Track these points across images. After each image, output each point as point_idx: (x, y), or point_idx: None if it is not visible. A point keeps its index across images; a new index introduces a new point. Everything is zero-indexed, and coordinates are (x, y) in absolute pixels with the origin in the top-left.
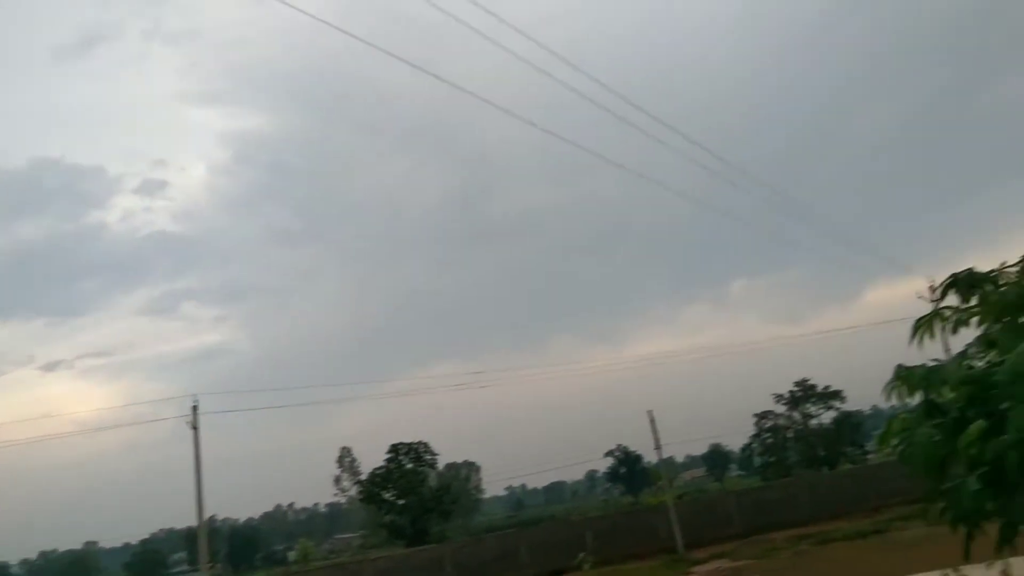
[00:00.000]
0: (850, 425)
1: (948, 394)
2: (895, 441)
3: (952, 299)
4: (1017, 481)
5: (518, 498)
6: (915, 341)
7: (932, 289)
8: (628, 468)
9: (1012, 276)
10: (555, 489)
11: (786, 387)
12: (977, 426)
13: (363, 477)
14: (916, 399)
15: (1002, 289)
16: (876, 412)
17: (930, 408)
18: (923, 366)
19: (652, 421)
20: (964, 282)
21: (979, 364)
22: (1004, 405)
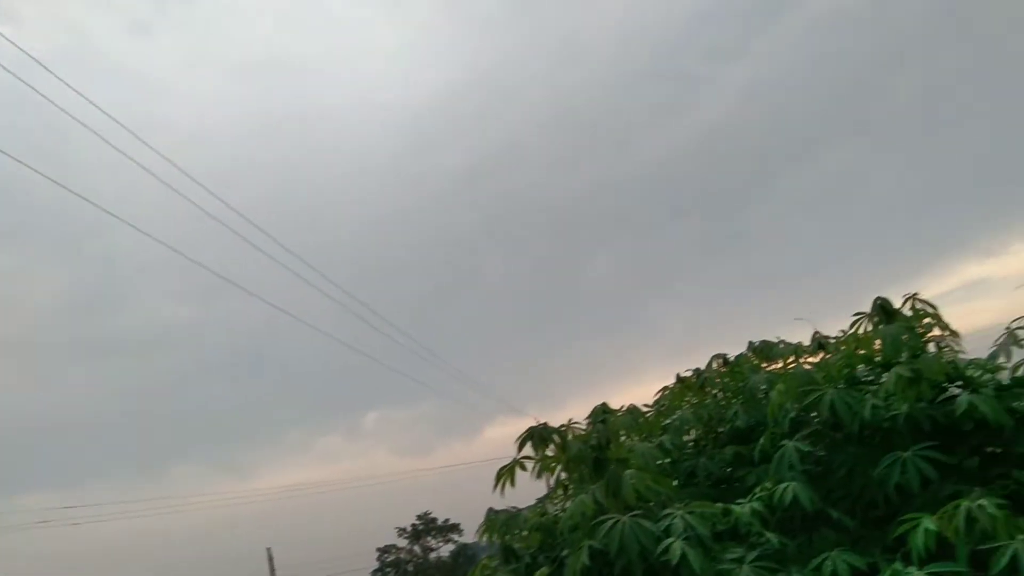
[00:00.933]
0: (466, 557)
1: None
2: None
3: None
4: None
5: None
6: (498, 487)
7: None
8: None
9: (579, 430)
10: None
11: (410, 520)
12: (541, 573)
13: None
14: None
15: (571, 442)
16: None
17: (507, 552)
18: (506, 511)
19: (270, 559)
20: (539, 434)
21: (553, 511)
22: (564, 552)
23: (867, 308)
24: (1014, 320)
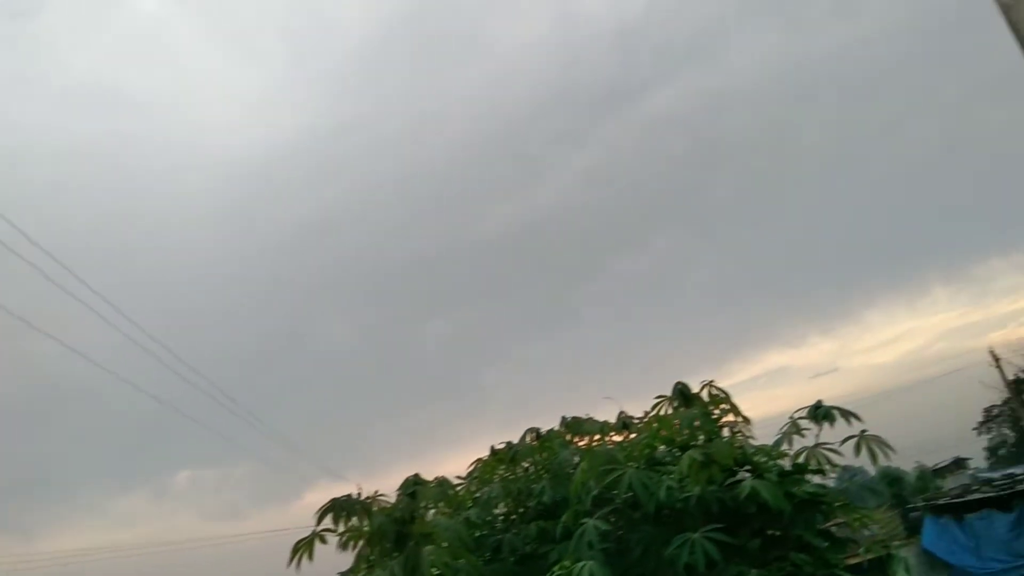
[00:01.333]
0: None
1: None
2: None
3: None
4: None
5: None
6: (294, 561)
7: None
8: None
9: (387, 502)
10: None
11: None
12: None
13: None
14: None
15: (375, 515)
16: None
17: None
18: None
19: None
20: (341, 506)
21: None
22: None
23: (671, 390)
24: (797, 410)
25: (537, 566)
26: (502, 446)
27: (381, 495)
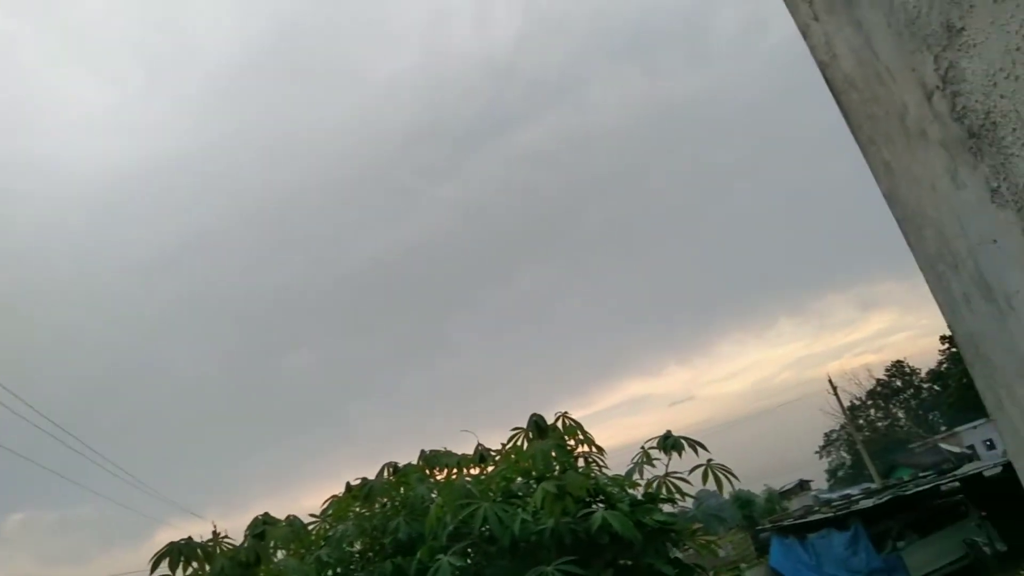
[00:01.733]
0: None
1: None
2: None
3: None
4: None
5: None
6: None
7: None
8: None
9: (230, 546)
10: None
11: None
12: None
13: None
14: None
15: (217, 558)
16: None
17: None
18: None
19: None
20: (179, 551)
21: None
22: None
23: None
24: (647, 441)
25: None
26: (357, 482)
27: (225, 537)
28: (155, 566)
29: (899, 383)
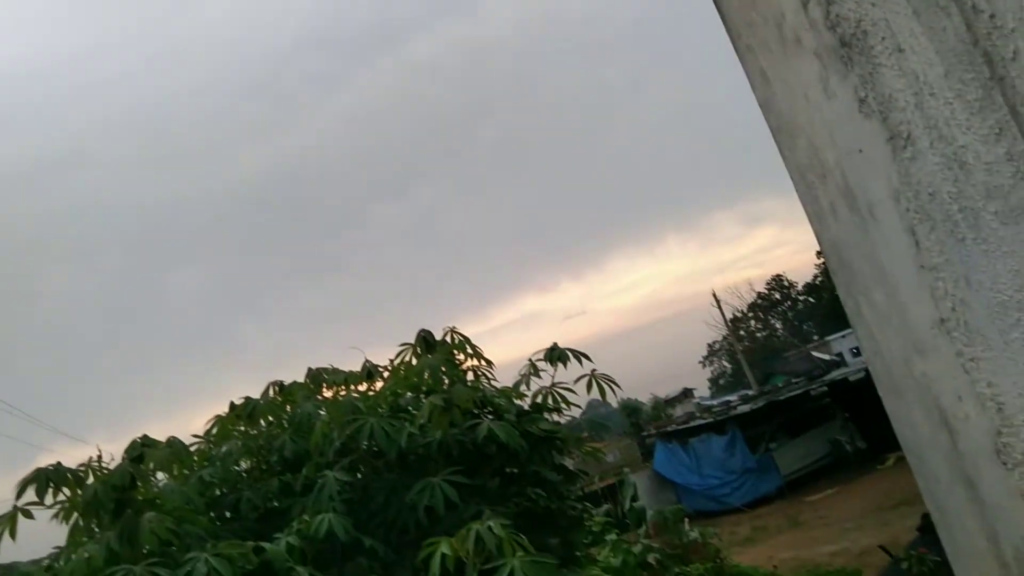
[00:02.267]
0: None
1: None
2: None
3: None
4: None
5: None
6: None
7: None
8: None
9: (99, 472)
10: None
11: None
12: None
13: None
14: None
15: (88, 485)
16: None
17: None
18: (8, 567)
19: None
20: (47, 477)
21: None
22: None
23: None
24: (534, 353)
25: (279, 522)
26: (241, 401)
27: (101, 461)
28: (20, 493)
29: (778, 296)
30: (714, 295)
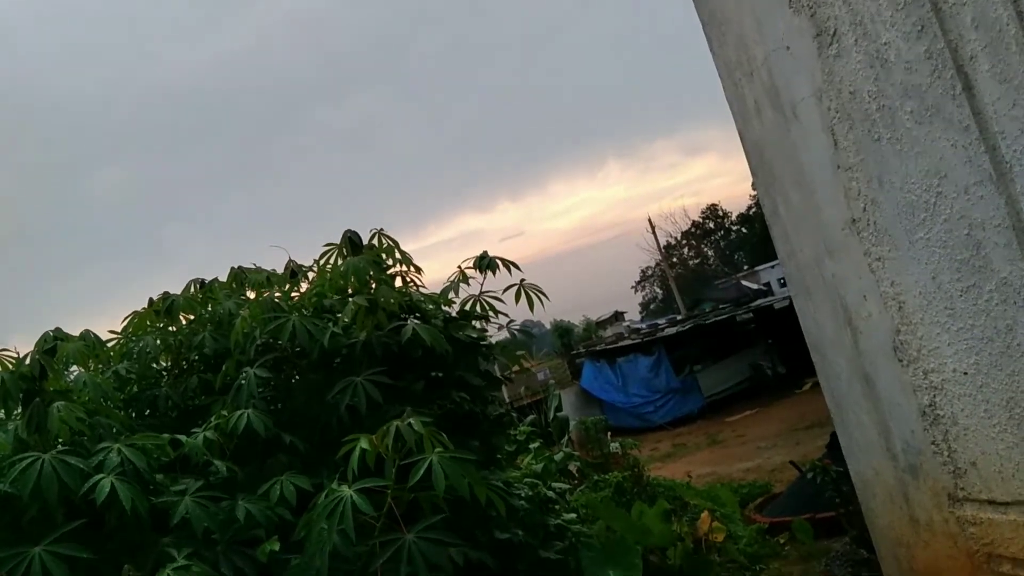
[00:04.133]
0: None
1: None
2: None
3: None
4: None
5: None
6: None
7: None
8: None
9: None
10: None
11: None
12: None
13: None
14: None
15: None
16: None
17: None
18: None
19: None
20: None
21: None
22: None
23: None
24: (464, 260)
25: (199, 420)
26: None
27: (5, 351)
28: None
29: (712, 225)
30: (650, 221)
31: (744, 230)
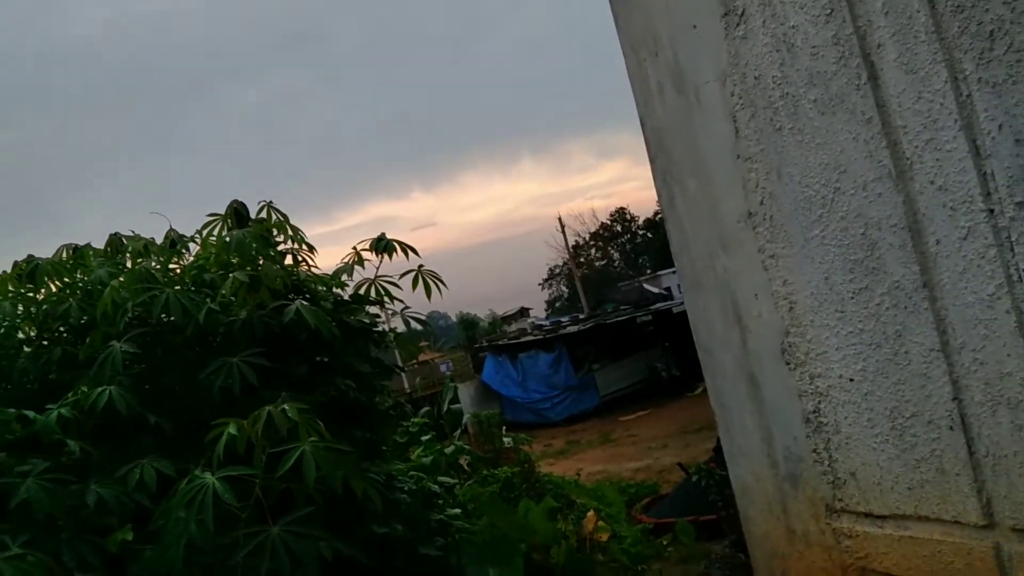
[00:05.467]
0: None
1: None
2: None
3: None
4: None
5: None
6: None
7: None
8: None
9: None
10: None
11: None
12: None
13: None
14: None
15: None
16: None
17: None
18: None
19: None
20: None
21: None
22: None
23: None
24: (360, 242)
25: (61, 395)
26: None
27: None
28: None
29: (619, 228)
30: (560, 220)
31: (650, 235)
